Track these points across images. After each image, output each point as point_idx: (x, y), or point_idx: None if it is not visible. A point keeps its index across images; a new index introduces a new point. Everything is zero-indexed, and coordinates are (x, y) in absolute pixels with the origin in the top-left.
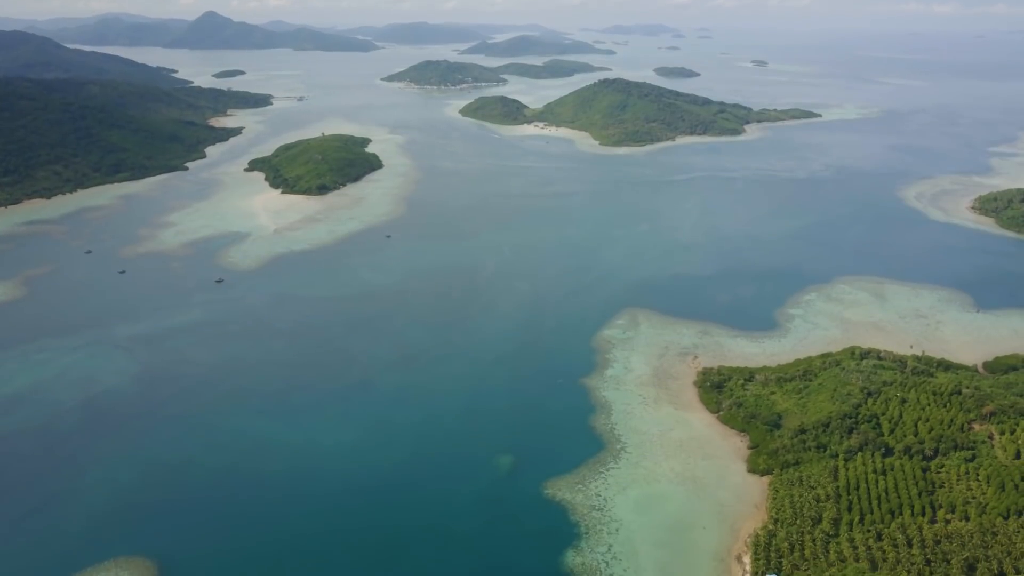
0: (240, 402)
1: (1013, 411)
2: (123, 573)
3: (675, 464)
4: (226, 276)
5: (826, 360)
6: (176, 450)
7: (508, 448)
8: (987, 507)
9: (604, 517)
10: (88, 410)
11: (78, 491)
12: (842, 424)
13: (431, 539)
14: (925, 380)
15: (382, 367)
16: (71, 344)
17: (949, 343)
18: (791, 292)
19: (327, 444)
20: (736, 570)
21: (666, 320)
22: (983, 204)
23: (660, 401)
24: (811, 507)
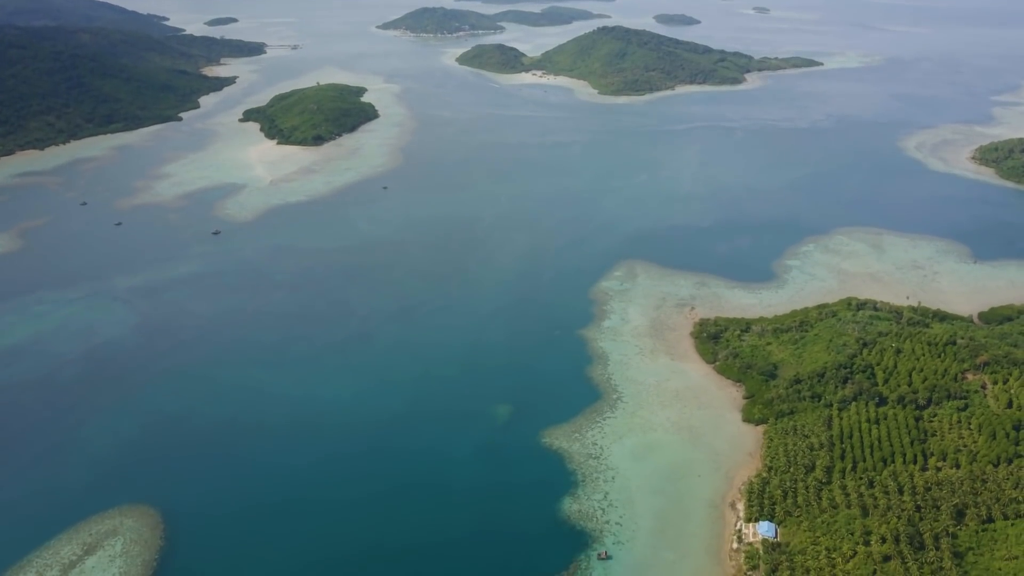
0: (239, 354)
1: (1007, 361)
2: (127, 521)
3: (671, 413)
4: (223, 228)
5: (822, 311)
6: (176, 401)
7: (506, 398)
8: (978, 455)
9: (600, 465)
10: (88, 361)
11: (80, 441)
12: (837, 374)
13: (430, 488)
14: (920, 331)
15: (380, 319)
16: (69, 296)
17: (945, 294)
18: (789, 243)
19: (326, 395)
20: (730, 517)
21: (664, 271)
22: (983, 154)
23: (657, 352)
24: (804, 455)
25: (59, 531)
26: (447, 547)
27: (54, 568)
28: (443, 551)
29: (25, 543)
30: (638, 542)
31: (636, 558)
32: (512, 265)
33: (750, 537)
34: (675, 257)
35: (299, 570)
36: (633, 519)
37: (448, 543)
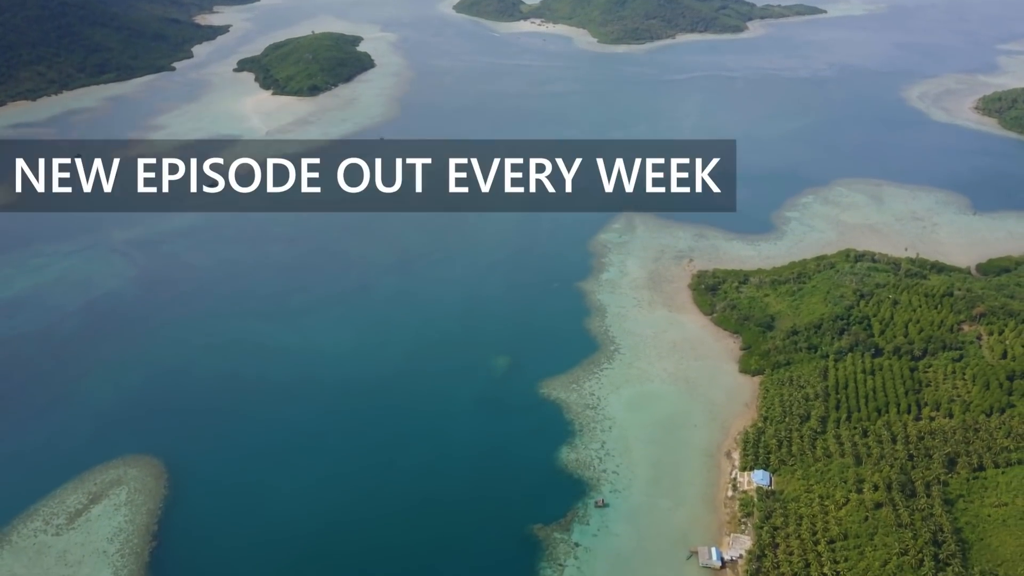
0: (239, 305)
1: (1003, 312)
2: (131, 470)
3: (668, 364)
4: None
5: (820, 263)
6: (177, 353)
7: (504, 350)
8: (971, 405)
9: (598, 415)
10: (89, 314)
11: (83, 393)
12: (834, 325)
13: (430, 438)
14: (918, 282)
15: (379, 271)
16: (68, 249)
17: (944, 245)
18: (789, 195)
19: (326, 347)
20: (725, 466)
21: (662, 223)
22: (986, 104)
23: (655, 303)
24: (800, 406)
25: (65, 480)
26: (447, 495)
27: (61, 516)
28: (443, 499)
29: (32, 492)
30: (634, 490)
31: (632, 506)
32: (511, 217)
33: (745, 485)
34: (674, 208)
35: (301, 518)
36: (630, 468)
37: (448, 492)
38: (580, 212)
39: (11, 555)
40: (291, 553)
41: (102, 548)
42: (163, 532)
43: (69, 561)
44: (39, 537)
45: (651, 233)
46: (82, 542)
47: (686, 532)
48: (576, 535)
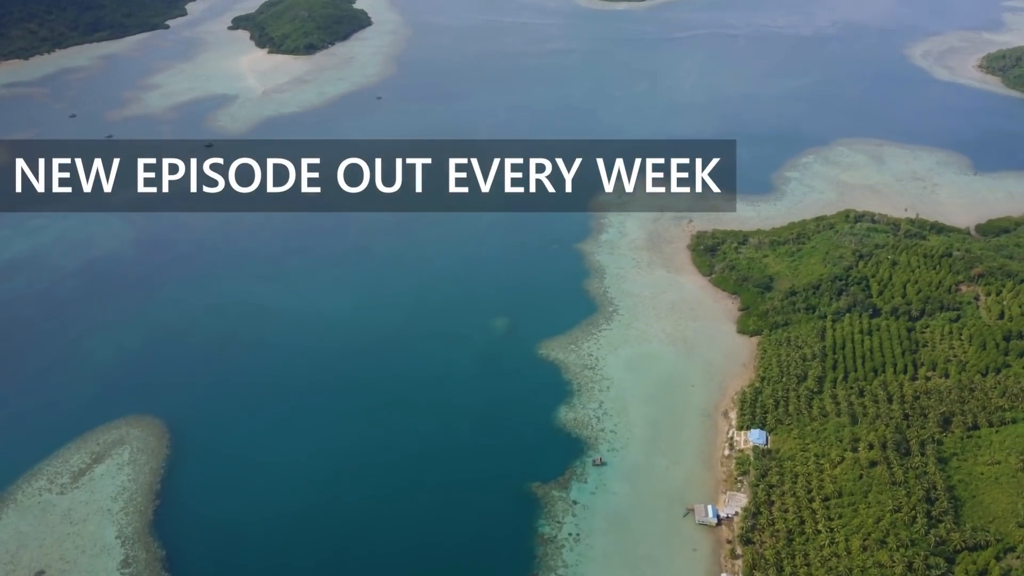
0: (238, 267)
1: (1001, 273)
2: (133, 431)
3: (666, 325)
4: (216, 140)
5: (820, 223)
6: (177, 314)
7: (503, 311)
8: (967, 365)
9: (596, 375)
10: (88, 274)
11: (84, 354)
12: (832, 286)
13: (429, 397)
14: (917, 243)
15: (377, 232)
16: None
17: (944, 206)
18: (789, 155)
19: (325, 308)
20: (722, 425)
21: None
22: (990, 62)
23: (653, 264)
24: (797, 366)
25: (67, 440)
26: (446, 454)
27: (64, 476)
28: (442, 458)
29: (35, 452)
30: (632, 449)
31: (630, 464)
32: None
33: (741, 444)
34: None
35: (302, 477)
36: (627, 427)
37: (447, 451)
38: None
39: (16, 513)
40: (292, 511)
41: (106, 506)
42: (166, 491)
43: (74, 519)
44: (43, 496)
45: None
46: (86, 501)
47: (683, 490)
48: (574, 493)
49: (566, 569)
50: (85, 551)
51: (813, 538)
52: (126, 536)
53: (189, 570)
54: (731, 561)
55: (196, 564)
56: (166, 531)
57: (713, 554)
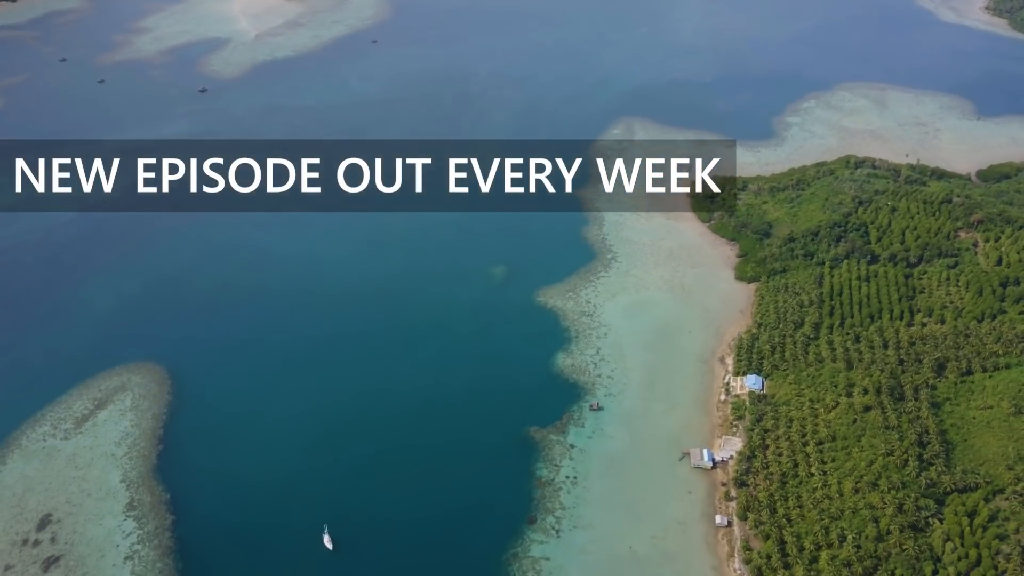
0: (235, 214)
1: (1000, 219)
2: (135, 377)
3: (664, 272)
4: (209, 85)
5: (820, 169)
6: (175, 261)
7: (502, 259)
8: (963, 311)
9: (594, 322)
10: (84, 222)
11: (83, 301)
12: (831, 233)
13: (428, 343)
14: (917, 189)
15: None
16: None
17: (945, 151)
18: (791, 99)
19: (324, 255)
20: (719, 371)
21: (662, 129)
22: (997, 4)
23: (652, 211)
24: (794, 312)
25: (70, 387)
26: (445, 400)
27: (68, 421)
28: (441, 404)
29: (38, 398)
30: (629, 394)
31: (626, 409)
32: (508, 123)
33: (737, 390)
34: (674, 114)
35: (302, 421)
36: (624, 373)
37: (446, 396)
38: (579, 117)
39: (22, 458)
40: (293, 456)
41: (110, 451)
42: (168, 436)
43: (79, 464)
44: (48, 441)
45: (651, 139)
46: (90, 446)
47: (679, 434)
48: (571, 437)
49: (564, 511)
50: (91, 495)
51: (806, 481)
52: (131, 480)
53: (193, 513)
54: (725, 503)
55: (200, 507)
56: (169, 475)
57: (708, 496)
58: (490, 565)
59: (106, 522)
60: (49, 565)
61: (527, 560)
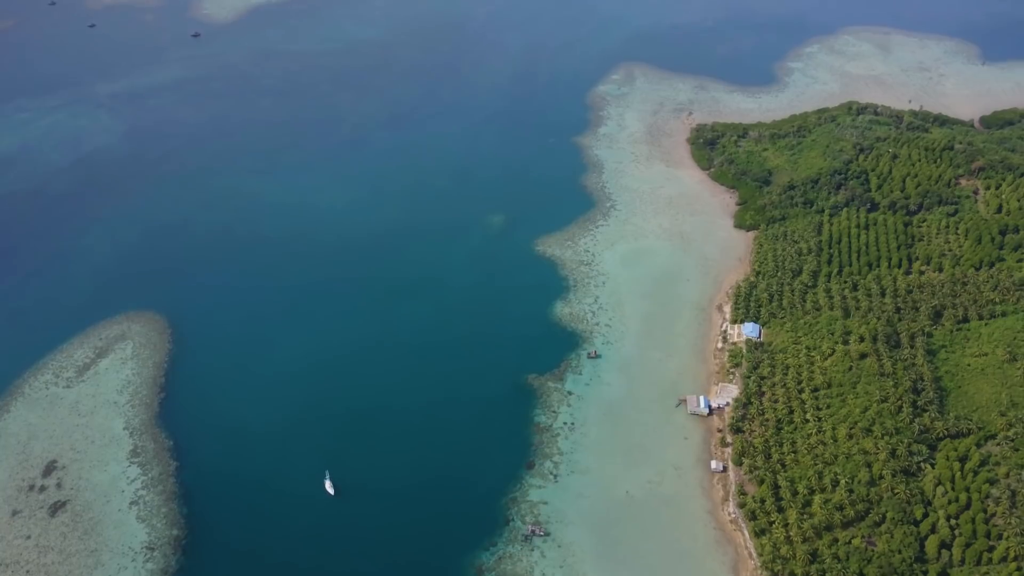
0: (230, 162)
1: (1002, 166)
2: (135, 326)
3: (663, 220)
4: (202, 30)
5: (822, 115)
6: (172, 210)
7: (500, 207)
8: (961, 259)
9: (592, 271)
10: (80, 170)
11: (81, 250)
12: (831, 180)
13: (426, 292)
14: (919, 135)
15: (372, 126)
16: (51, 103)
17: (949, 97)
18: (793, 44)
19: (320, 203)
20: (716, 319)
21: (662, 75)
22: None
23: (652, 158)
24: (793, 260)
25: (70, 336)
26: (444, 348)
27: (69, 370)
28: (440, 352)
29: (39, 347)
30: (626, 342)
31: (624, 357)
32: (506, 68)
33: (735, 337)
34: (675, 59)
35: (302, 370)
36: (622, 321)
37: (445, 344)
38: (578, 62)
39: (25, 406)
40: (294, 403)
41: (112, 399)
42: (170, 384)
43: (82, 411)
44: (51, 389)
45: (651, 85)
46: (93, 394)
47: (676, 382)
48: (569, 384)
49: (561, 456)
50: (94, 442)
51: (801, 427)
52: (134, 427)
53: (196, 459)
54: (721, 449)
55: (202, 454)
56: (172, 422)
57: (704, 442)
58: (489, 509)
59: (111, 468)
60: (56, 510)
61: (526, 504)
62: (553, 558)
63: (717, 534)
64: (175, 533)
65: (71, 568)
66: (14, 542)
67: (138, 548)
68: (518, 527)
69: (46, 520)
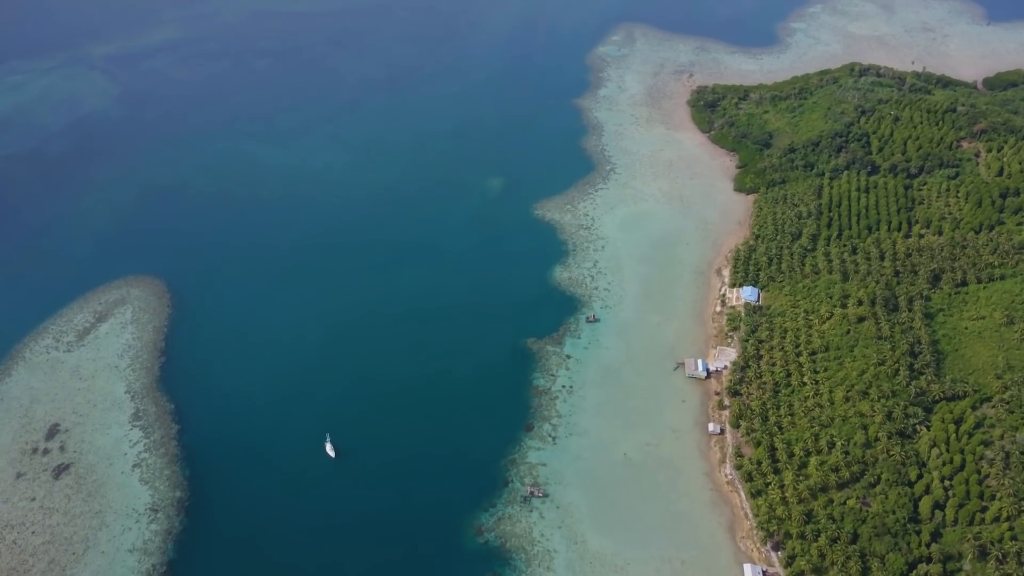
0: (227, 124)
1: (1004, 128)
2: (133, 290)
3: (663, 184)
4: None
5: (823, 77)
6: (169, 173)
7: (499, 170)
8: (961, 222)
9: (591, 235)
10: (76, 133)
11: (79, 214)
12: (832, 143)
13: (426, 256)
14: (921, 98)
15: (369, 88)
16: (44, 65)
17: (953, 58)
18: (795, 4)
19: (318, 166)
20: (715, 282)
21: (663, 35)
22: None
23: (652, 121)
24: (792, 224)
25: (70, 300)
26: (443, 311)
27: (70, 334)
28: (439, 315)
29: (39, 312)
30: (625, 306)
31: (623, 321)
32: (505, 29)
33: (733, 301)
34: (676, 20)
35: (302, 333)
36: (621, 285)
37: (444, 308)
38: (577, 23)
39: (26, 370)
40: (294, 366)
41: (113, 363)
42: (170, 348)
43: (83, 375)
44: (51, 354)
45: (651, 46)
46: (93, 358)
47: (674, 345)
48: (568, 348)
49: (560, 419)
50: (96, 405)
51: (798, 390)
52: (135, 391)
53: (197, 422)
54: (718, 412)
55: (203, 417)
56: (173, 386)
57: (701, 405)
58: (489, 471)
59: (113, 431)
60: (60, 472)
61: (524, 466)
62: (552, 519)
63: (714, 495)
64: (178, 495)
65: (76, 529)
66: (19, 504)
67: (142, 510)
68: (517, 488)
69: (50, 482)
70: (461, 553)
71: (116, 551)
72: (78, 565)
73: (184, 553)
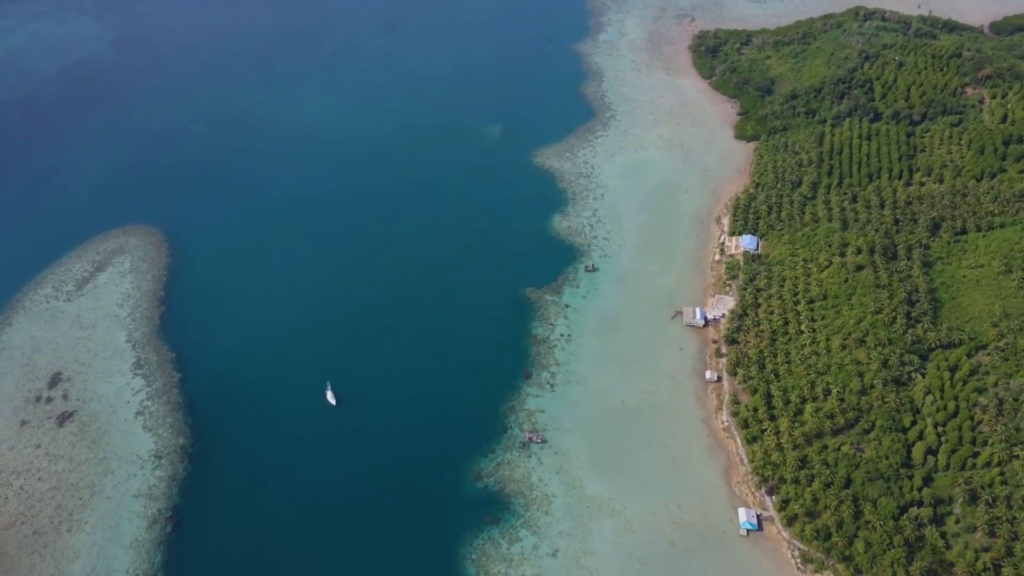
0: (222, 71)
1: (1010, 74)
2: (131, 240)
3: (663, 131)
4: None
5: (828, 21)
6: (164, 121)
7: (497, 117)
8: (963, 170)
9: (590, 183)
10: (69, 79)
11: (74, 162)
12: (835, 89)
13: (424, 205)
14: (927, 43)
15: (366, 33)
16: (34, 9)
17: (959, 2)
18: None
19: (315, 114)
20: (714, 231)
21: None
22: None
23: (653, 67)
24: (793, 171)
25: (67, 250)
26: (442, 260)
27: (69, 284)
28: (438, 264)
29: (37, 261)
30: (624, 255)
31: (622, 270)
32: None
33: (732, 249)
34: None
35: (302, 282)
36: (620, 234)
37: (443, 257)
38: None
39: (27, 319)
40: (294, 314)
41: (113, 312)
42: (170, 297)
43: (83, 324)
44: (51, 303)
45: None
46: (93, 307)
47: (672, 294)
48: (566, 297)
49: (558, 367)
50: (98, 354)
51: (795, 338)
52: (136, 340)
53: (199, 371)
54: (716, 359)
55: (205, 365)
56: (173, 335)
57: (699, 353)
58: (488, 417)
59: (115, 380)
60: (64, 420)
61: (523, 412)
62: (550, 464)
63: (710, 441)
64: (181, 442)
65: (81, 475)
66: (24, 451)
67: (146, 456)
68: (516, 434)
69: (54, 430)
70: (461, 497)
71: (122, 496)
72: (85, 510)
73: (188, 498)
